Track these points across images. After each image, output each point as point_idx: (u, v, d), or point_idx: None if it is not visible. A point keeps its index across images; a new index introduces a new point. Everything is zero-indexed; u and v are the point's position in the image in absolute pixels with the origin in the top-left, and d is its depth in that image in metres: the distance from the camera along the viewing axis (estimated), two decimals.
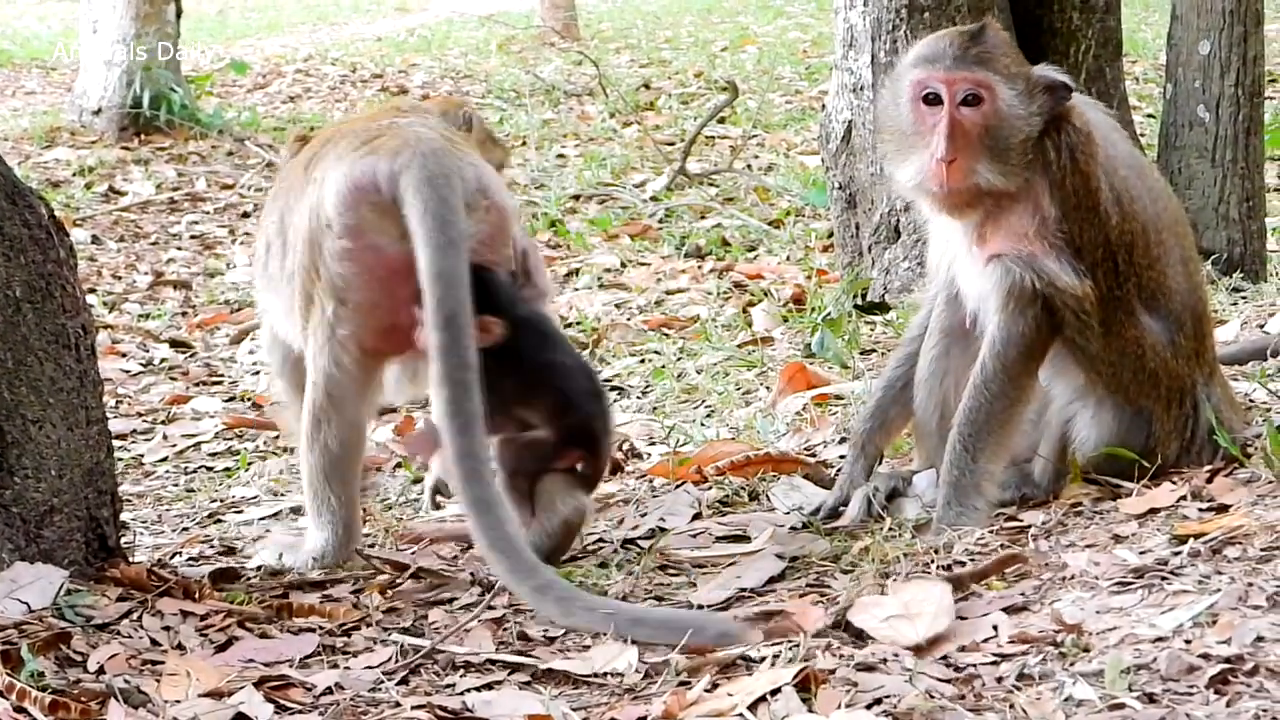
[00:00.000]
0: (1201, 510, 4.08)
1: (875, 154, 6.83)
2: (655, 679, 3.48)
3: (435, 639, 3.82)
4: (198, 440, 6.50)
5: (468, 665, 3.68)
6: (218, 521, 5.40)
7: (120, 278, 9.83)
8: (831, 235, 7.95)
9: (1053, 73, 4.36)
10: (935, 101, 4.30)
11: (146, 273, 9.94)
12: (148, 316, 8.89)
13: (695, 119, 13.33)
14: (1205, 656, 3.18)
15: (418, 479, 5.49)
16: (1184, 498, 4.17)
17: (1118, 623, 3.41)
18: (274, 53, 20.91)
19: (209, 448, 6.41)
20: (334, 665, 3.74)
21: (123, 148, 13.37)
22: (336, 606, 4.11)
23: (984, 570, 3.84)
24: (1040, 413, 4.47)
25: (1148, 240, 4.38)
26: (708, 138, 12.88)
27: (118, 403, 7.03)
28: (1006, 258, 4.28)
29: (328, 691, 3.57)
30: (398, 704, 3.44)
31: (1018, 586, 3.77)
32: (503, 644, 3.79)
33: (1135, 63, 14.17)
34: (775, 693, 3.26)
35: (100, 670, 3.62)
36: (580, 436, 4.39)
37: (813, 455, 5.23)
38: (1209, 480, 4.28)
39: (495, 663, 3.66)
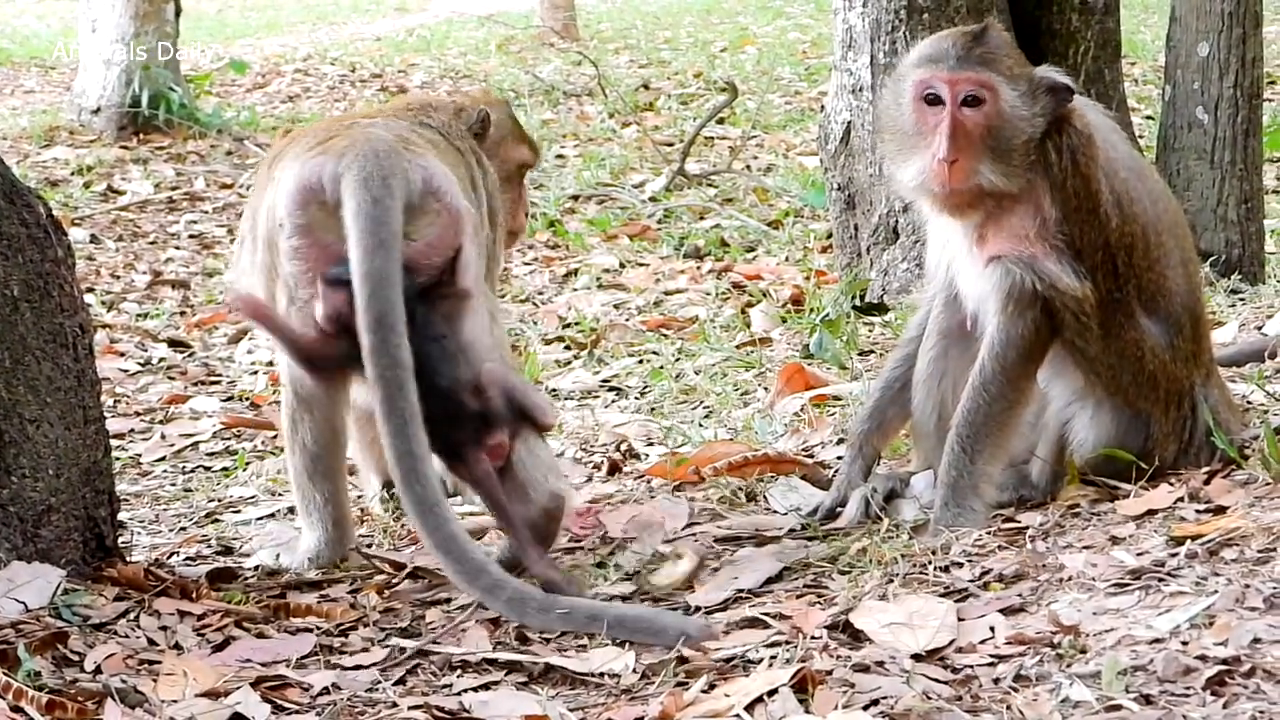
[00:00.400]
0: (1199, 512, 4.08)
1: (874, 155, 6.84)
2: (653, 679, 3.48)
3: (431, 638, 3.82)
4: (195, 440, 6.49)
5: (465, 665, 3.68)
6: (215, 521, 5.40)
7: (118, 277, 9.83)
8: (830, 236, 7.96)
9: (1055, 74, 4.36)
10: (937, 102, 4.30)
11: (145, 272, 9.93)
12: (146, 316, 8.88)
13: (694, 120, 13.34)
14: (1202, 658, 3.18)
15: None
16: (1181, 499, 4.17)
17: (1115, 624, 3.41)
18: (273, 52, 20.91)
19: (207, 447, 6.40)
20: (331, 665, 3.74)
21: (121, 147, 13.36)
22: (334, 606, 4.11)
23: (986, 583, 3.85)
24: (1038, 414, 4.47)
25: (1148, 242, 4.39)
26: (707, 138, 12.88)
27: (115, 402, 7.03)
28: (1007, 259, 4.28)
29: (325, 691, 3.57)
30: (395, 704, 3.45)
31: (1015, 588, 3.77)
32: (500, 644, 3.79)
33: (1134, 64, 14.18)
34: (773, 693, 3.26)
35: (97, 670, 3.62)
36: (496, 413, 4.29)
37: (811, 456, 5.23)
38: (1206, 482, 4.28)
39: (492, 662, 3.66)
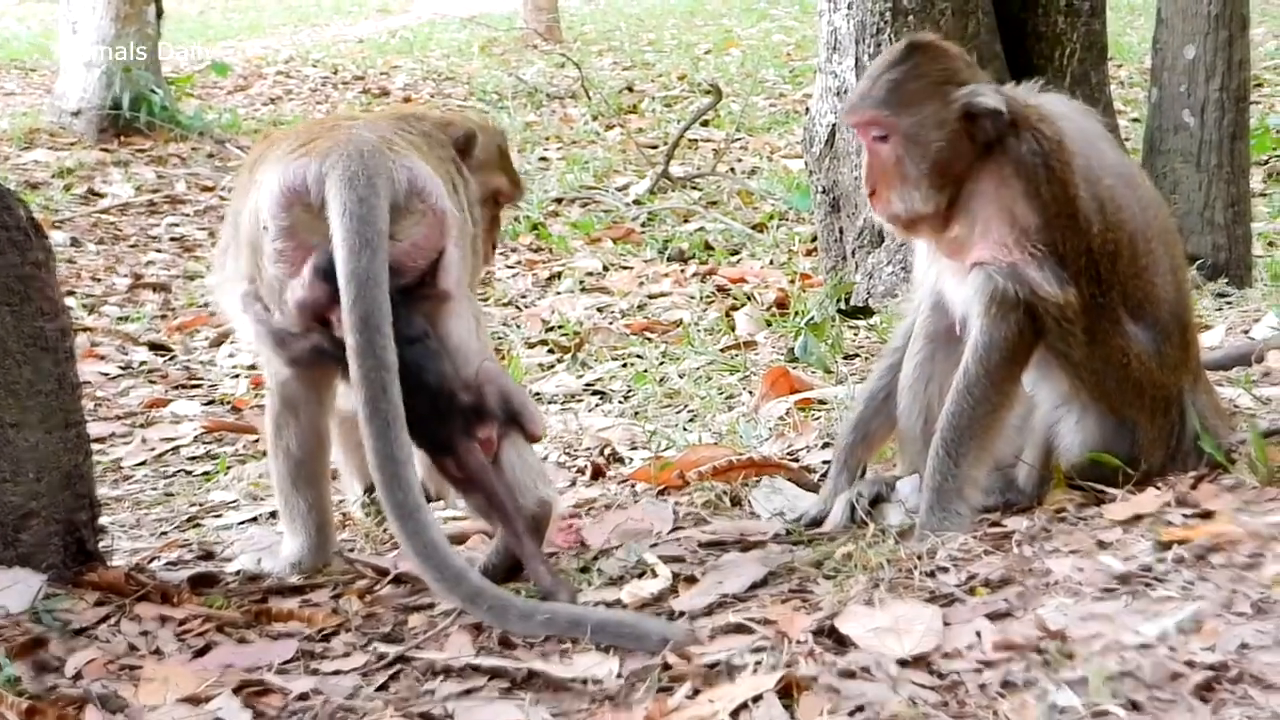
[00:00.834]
0: (1186, 516, 4.07)
1: (859, 158, 6.84)
2: (637, 685, 3.47)
3: (414, 644, 3.81)
4: (176, 444, 6.48)
5: (447, 671, 3.67)
6: (196, 526, 5.39)
7: (99, 280, 9.81)
8: (815, 239, 7.97)
9: (981, 97, 4.32)
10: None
11: (125, 275, 9.92)
12: (127, 319, 8.87)
13: (678, 122, 13.36)
14: (1190, 664, 3.18)
15: None
16: (1168, 504, 4.16)
17: (1102, 629, 3.40)
18: (255, 54, 20.91)
19: (188, 451, 6.39)
20: (313, 671, 3.73)
21: (102, 149, 13.35)
22: (315, 611, 4.10)
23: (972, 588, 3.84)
24: (1025, 418, 4.48)
25: (1135, 250, 4.38)
26: (691, 141, 12.90)
27: (96, 406, 7.02)
28: (989, 266, 4.28)
29: (306, 697, 3.55)
30: (377, 710, 3.43)
31: (1001, 592, 3.76)
32: (483, 649, 3.77)
33: (1120, 67, 14.22)
34: (757, 699, 3.25)
35: (78, 675, 3.61)
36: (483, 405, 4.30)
37: (795, 460, 5.22)
38: (1193, 486, 4.28)
39: (475, 668, 3.65)
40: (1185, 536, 3.86)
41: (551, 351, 7.55)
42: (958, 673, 3.34)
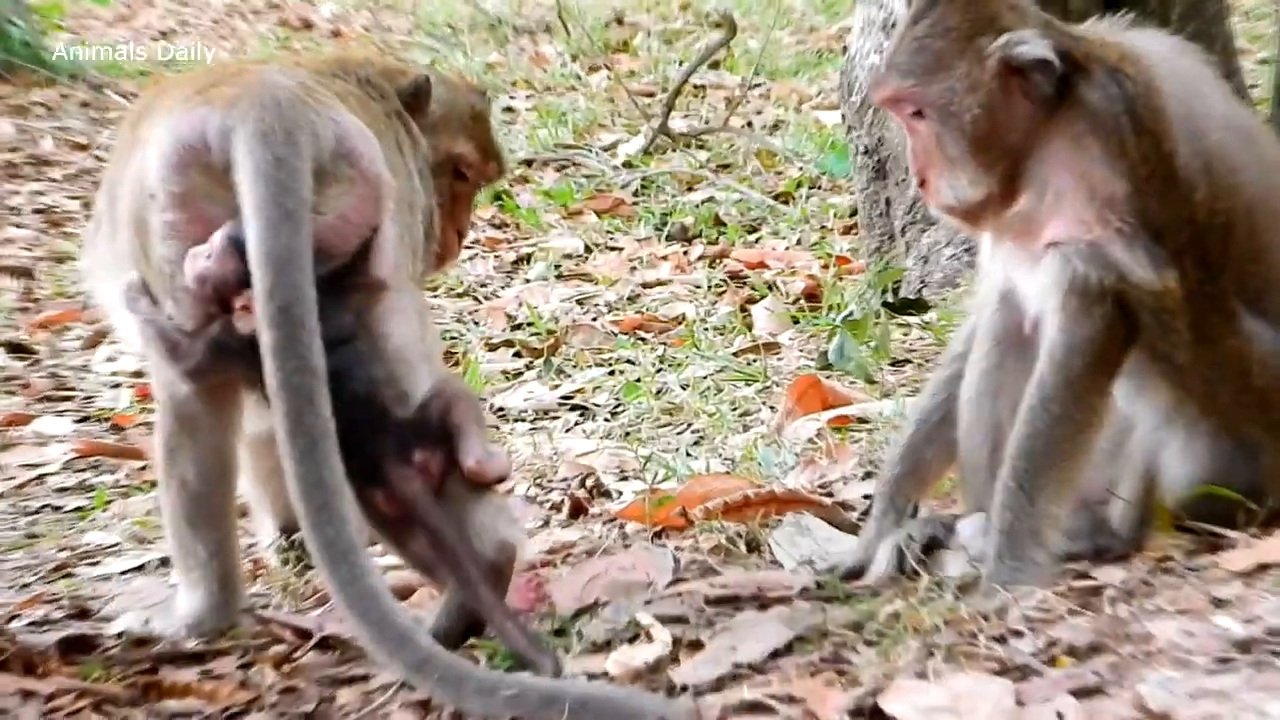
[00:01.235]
0: None
1: None
2: None
3: None
4: (42, 472, 6.50)
5: None
6: (67, 576, 5.40)
7: None
8: (854, 213, 7.99)
9: (1024, 45, 4.32)
10: None
11: None
12: None
13: (681, 64, 13.36)
14: None
15: None
16: None
17: (1217, 709, 3.42)
18: None
19: (56, 481, 6.41)
20: None
21: None
22: (219, 685, 4.11)
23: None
24: (1119, 442, 4.48)
25: (1253, 224, 4.38)
26: (696, 88, 12.91)
27: None
28: (1065, 247, 4.27)
29: None
30: None
31: (1090, 663, 3.78)
32: None
33: None
34: None
35: None
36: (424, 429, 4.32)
37: (829, 494, 5.24)
38: None
39: None
40: None
41: (519, 355, 7.57)
42: None
